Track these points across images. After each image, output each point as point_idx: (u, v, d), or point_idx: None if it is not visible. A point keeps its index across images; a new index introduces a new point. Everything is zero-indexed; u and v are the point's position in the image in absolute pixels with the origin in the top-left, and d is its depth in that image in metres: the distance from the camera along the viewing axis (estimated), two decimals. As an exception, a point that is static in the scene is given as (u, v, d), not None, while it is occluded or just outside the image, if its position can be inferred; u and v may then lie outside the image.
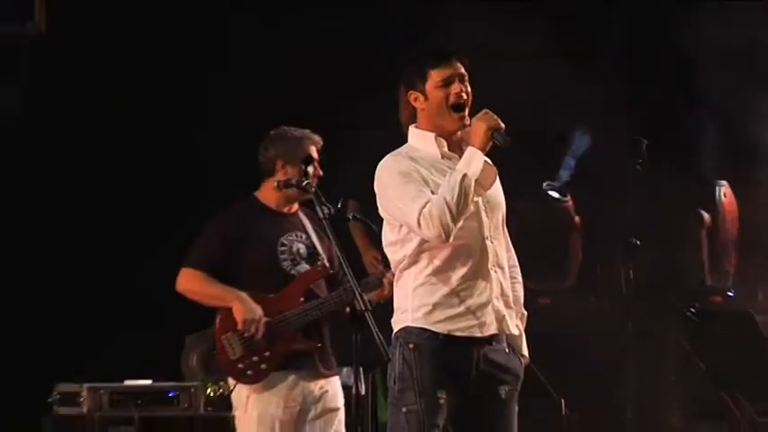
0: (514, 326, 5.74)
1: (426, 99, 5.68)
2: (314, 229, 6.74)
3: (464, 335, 5.61)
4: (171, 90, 9.45)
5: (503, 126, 5.55)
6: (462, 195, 5.49)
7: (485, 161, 5.55)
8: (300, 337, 6.60)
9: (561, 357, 8.57)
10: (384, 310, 5.81)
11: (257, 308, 6.63)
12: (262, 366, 6.65)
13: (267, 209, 6.73)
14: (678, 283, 9.55)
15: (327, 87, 9.39)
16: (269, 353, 6.64)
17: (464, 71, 5.67)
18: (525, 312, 5.86)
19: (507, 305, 5.72)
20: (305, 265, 6.65)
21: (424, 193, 5.53)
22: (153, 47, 9.46)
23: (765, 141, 9.71)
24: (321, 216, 6.26)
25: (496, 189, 5.73)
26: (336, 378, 6.66)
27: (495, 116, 5.56)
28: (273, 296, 6.67)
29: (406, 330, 5.63)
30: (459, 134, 5.69)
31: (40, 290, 9.08)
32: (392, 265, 5.76)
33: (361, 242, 8.34)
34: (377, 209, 5.73)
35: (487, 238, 5.67)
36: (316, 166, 6.70)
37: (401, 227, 5.63)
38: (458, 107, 5.65)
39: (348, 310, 6.45)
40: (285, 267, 6.64)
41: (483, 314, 5.63)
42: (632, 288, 8.88)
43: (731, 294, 9.41)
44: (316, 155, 6.72)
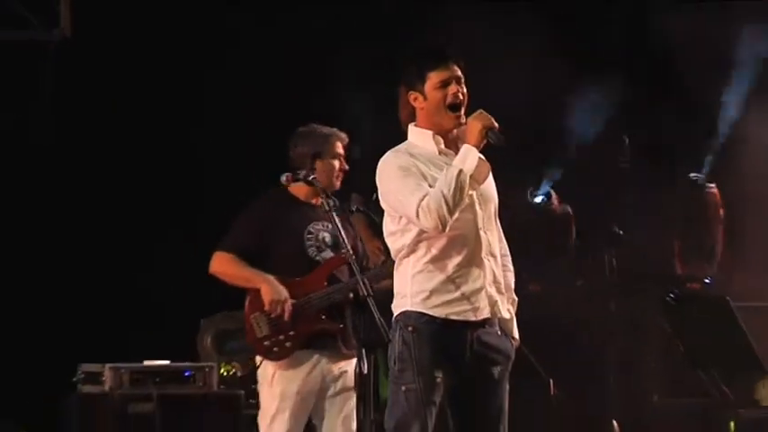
0: (506, 310, 5.74)
1: (425, 99, 5.68)
2: (340, 219, 6.73)
3: (459, 319, 5.61)
4: (188, 91, 9.44)
5: (496, 125, 5.56)
6: (458, 189, 5.49)
7: (479, 158, 5.56)
8: (323, 318, 6.59)
9: (550, 340, 8.57)
10: (385, 295, 5.81)
11: (284, 290, 6.62)
12: (287, 345, 6.64)
13: (296, 200, 6.72)
14: (659, 270, 9.56)
15: (324, 84, 9.35)
16: (293, 332, 6.64)
17: (460, 73, 5.67)
18: (516, 298, 5.86)
19: (499, 291, 5.72)
20: (329, 252, 6.63)
21: (422, 186, 5.54)
22: (171, 51, 9.44)
23: (741, 136, 9.70)
24: (326, 208, 6.27)
25: (489, 184, 5.73)
26: (353, 360, 6.64)
27: (490, 116, 5.57)
28: (299, 280, 6.66)
29: (406, 314, 5.63)
30: (456, 132, 5.68)
31: (67, 277, 9.08)
32: (392, 254, 5.75)
33: (364, 233, 8.32)
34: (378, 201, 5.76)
35: (481, 228, 5.67)
36: (342, 161, 6.71)
37: (401, 218, 5.64)
38: (454, 107, 5.65)
39: (351, 295, 6.46)
40: (311, 254, 6.63)
41: (477, 299, 5.63)
42: (615, 275, 8.89)
43: (708, 281, 9.42)
44: (342, 151, 6.73)
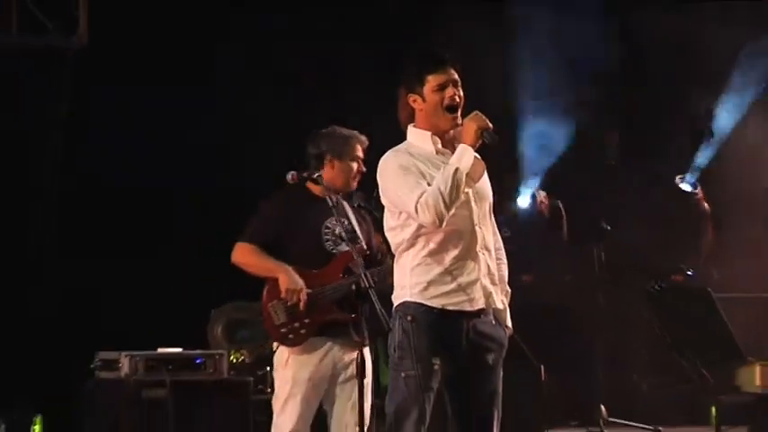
0: (500, 301, 5.74)
1: (424, 101, 5.69)
2: (354, 215, 6.72)
3: (456, 309, 5.61)
4: (199, 91, 9.44)
5: (491, 126, 5.57)
6: (454, 186, 5.50)
7: (474, 157, 5.57)
8: (337, 308, 6.57)
9: (541, 329, 8.57)
10: (392, 288, 5.82)
11: (300, 280, 6.61)
12: (302, 332, 6.63)
13: (315, 196, 6.69)
14: (643, 262, 9.55)
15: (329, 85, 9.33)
16: (309, 320, 6.63)
17: (457, 77, 5.68)
18: (509, 289, 5.87)
19: (493, 283, 5.72)
20: (345, 246, 6.60)
21: (421, 184, 5.54)
22: (183, 55, 9.44)
23: (722, 134, 9.69)
24: (331, 204, 6.27)
25: (484, 181, 5.73)
26: (367, 348, 6.63)
27: (485, 117, 5.58)
28: (316, 271, 6.65)
29: (405, 305, 5.63)
30: (452, 133, 5.69)
31: (86, 270, 9.08)
32: (392, 248, 5.76)
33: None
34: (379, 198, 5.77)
35: (476, 224, 5.67)
36: (360, 163, 6.70)
37: (401, 213, 5.64)
38: (451, 108, 5.66)
39: (354, 287, 6.45)
40: (327, 247, 6.61)
41: (472, 291, 5.63)
42: (603, 268, 8.89)
43: (690, 274, 9.41)
44: (361, 154, 6.70)
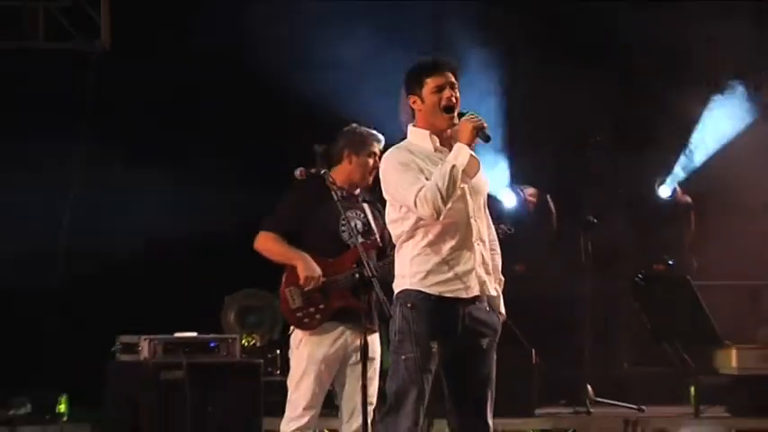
0: (493, 289, 5.74)
1: (423, 102, 5.68)
2: (370, 210, 6.71)
3: (452, 296, 5.61)
4: (212, 90, 9.43)
5: (485, 125, 5.57)
6: (451, 182, 5.50)
7: (470, 154, 5.57)
8: (350, 295, 6.56)
9: (533, 315, 8.56)
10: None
11: (317, 268, 6.60)
12: (316, 316, 6.62)
13: (337, 187, 6.68)
14: (628, 253, 9.55)
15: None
16: (323, 306, 6.62)
17: (454, 80, 5.68)
18: (502, 278, 5.87)
19: (487, 272, 5.72)
20: (360, 238, 6.60)
21: (420, 179, 5.54)
22: (199, 58, 9.43)
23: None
24: (336, 198, 6.25)
25: (479, 177, 5.73)
26: (377, 334, 6.62)
27: (480, 117, 5.58)
28: (332, 260, 6.63)
29: (405, 292, 5.63)
30: (449, 132, 5.69)
31: (108, 260, 9.08)
32: (393, 239, 5.76)
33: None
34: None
35: (472, 217, 5.67)
36: (376, 160, 6.66)
37: (401, 207, 5.64)
38: (448, 109, 5.65)
39: (357, 276, 6.45)
40: (343, 238, 6.59)
41: (468, 279, 5.63)
42: (590, 258, 8.88)
43: (671, 263, 9.41)
44: (377, 151, 6.65)
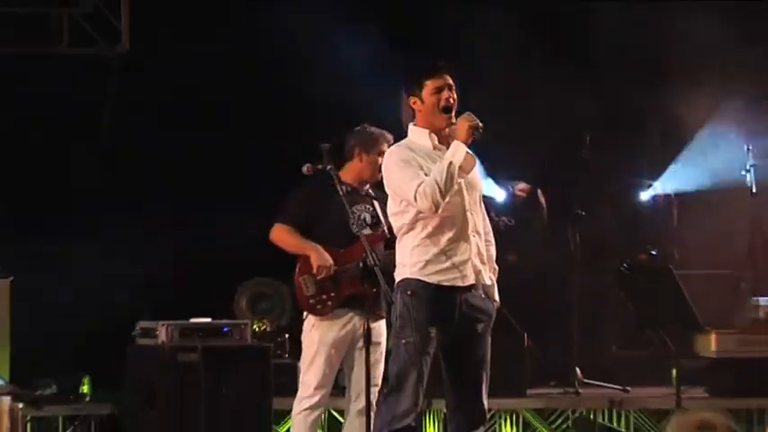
0: (488, 278, 5.76)
1: (422, 103, 5.70)
2: (379, 203, 6.70)
3: (450, 284, 5.63)
4: (226, 90, 9.39)
5: (481, 125, 5.58)
6: (449, 178, 5.51)
7: (466, 152, 5.58)
8: (359, 283, 6.56)
9: (525, 302, 8.55)
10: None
11: (329, 258, 6.61)
12: (328, 303, 6.63)
13: (342, 183, 6.67)
14: (614, 245, 9.53)
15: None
16: (334, 293, 6.63)
17: (452, 82, 5.69)
18: (497, 267, 5.88)
19: (483, 262, 5.74)
20: (368, 230, 6.59)
21: (419, 175, 5.56)
22: (214, 62, 9.40)
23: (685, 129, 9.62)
24: (341, 193, 6.25)
25: (475, 173, 5.75)
26: (383, 319, 6.62)
27: (476, 117, 5.58)
28: (342, 251, 6.64)
29: (406, 281, 5.65)
30: (447, 130, 5.70)
31: (128, 253, 9.08)
32: (395, 231, 5.78)
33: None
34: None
35: (468, 210, 5.69)
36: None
37: (401, 201, 5.65)
38: (447, 109, 5.68)
39: (361, 265, 6.44)
40: (353, 230, 6.59)
41: (464, 269, 5.65)
42: (578, 249, 8.87)
43: (654, 254, 9.39)
44: (386, 149, 6.65)
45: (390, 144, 6.62)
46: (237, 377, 7.43)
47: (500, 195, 9.30)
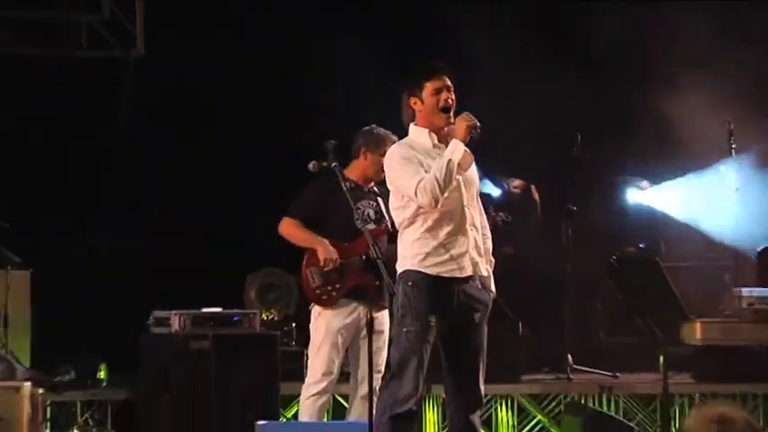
0: (485, 269, 5.76)
1: (423, 103, 5.70)
2: (382, 199, 6.69)
3: (448, 276, 5.63)
4: (241, 91, 9.37)
5: (478, 124, 5.58)
6: (448, 174, 5.52)
7: (464, 150, 5.58)
8: (363, 275, 6.55)
9: (519, 292, 8.54)
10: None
11: (335, 251, 6.62)
12: (333, 294, 6.64)
13: (347, 180, 6.66)
14: (604, 238, 9.52)
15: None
16: (339, 284, 6.63)
17: (450, 83, 5.69)
18: (493, 260, 5.87)
19: (480, 254, 5.74)
20: (372, 225, 6.59)
21: (420, 172, 5.56)
22: (226, 65, 9.39)
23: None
24: (345, 189, 6.24)
25: (472, 170, 5.76)
26: (386, 309, 6.61)
27: (473, 117, 5.58)
28: (347, 245, 6.64)
29: (407, 272, 5.65)
30: (446, 130, 5.70)
31: (144, 243, 9.07)
32: (396, 225, 5.78)
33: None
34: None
35: (465, 205, 5.69)
36: None
37: (403, 196, 5.65)
38: (446, 110, 5.67)
39: (364, 257, 6.44)
40: (357, 225, 6.59)
41: (462, 261, 5.64)
42: (571, 242, 8.86)
43: (642, 246, 9.39)
44: None
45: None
46: (247, 364, 7.43)
47: (497, 192, 9.28)
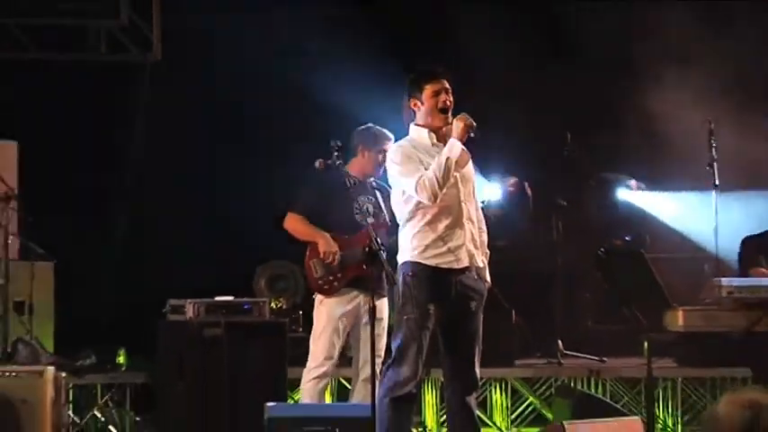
0: (480, 261, 5.76)
1: (422, 104, 5.70)
2: (381, 194, 6.68)
3: (446, 267, 5.63)
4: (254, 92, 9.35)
5: (474, 124, 5.58)
6: (446, 171, 5.52)
7: (462, 149, 5.57)
8: (363, 266, 6.53)
9: (513, 282, 8.53)
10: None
11: (335, 244, 6.60)
12: (334, 284, 6.63)
13: (350, 177, 6.65)
14: (592, 231, 9.50)
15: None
16: (340, 275, 6.62)
17: (448, 86, 5.69)
18: (488, 252, 5.87)
19: (476, 246, 5.74)
20: (371, 219, 6.58)
21: (420, 169, 5.57)
22: (239, 70, 9.35)
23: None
24: (349, 186, 6.23)
25: (469, 168, 5.75)
26: (385, 298, 6.60)
27: (470, 117, 5.58)
28: (347, 238, 6.63)
29: (407, 263, 5.65)
30: (445, 129, 5.69)
31: (161, 236, 9.06)
32: (397, 218, 5.77)
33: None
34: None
35: (462, 201, 5.69)
36: (384, 156, 6.57)
37: (404, 192, 5.65)
38: (444, 110, 5.68)
39: (367, 250, 6.42)
40: (357, 219, 6.58)
41: (459, 253, 5.64)
42: (561, 235, 8.85)
43: (628, 239, 9.37)
44: (387, 148, 6.57)
45: (392, 143, 6.61)
46: (256, 349, 7.41)
47: (495, 192, 9.23)
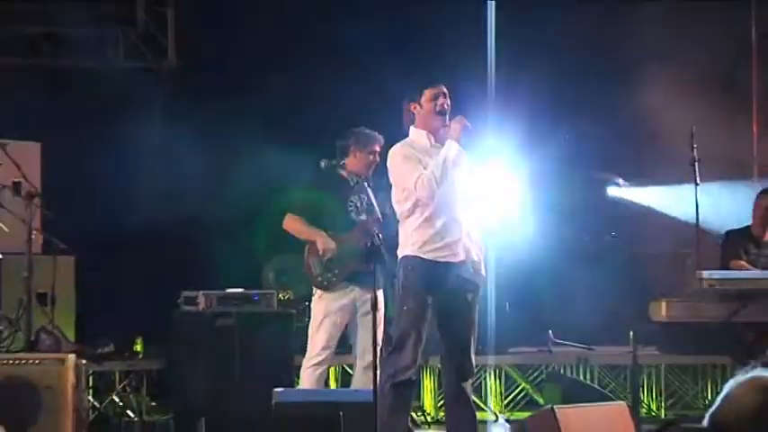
0: (476, 255, 5.74)
1: (421, 108, 5.70)
2: (373, 192, 6.65)
3: (444, 260, 5.63)
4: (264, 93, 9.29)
5: (470, 126, 5.57)
6: (443, 171, 5.53)
7: (458, 149, 5.57)
8: (359, 261, 6.52)
9: (507, 275, 8.51)
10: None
11: (332, 242, 6.59)
12: (333, 279, 6.62)
13: (343, 178, 6.61)
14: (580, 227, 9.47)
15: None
16: (338, 271, 6.62)
17: (445, 90, 5.69)
18: (483, 246, 5.86)
19: (472, 241, 5.72)
20: (364, 216, 6.57)
21: (419, 169, 5.57)
22: (251, 75, 9.33)
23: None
24: (352, 184, 6.21)
25: (466, 167, 5.72)
26: (381, 290, 6.58)
27: (466, 120, 5.58)
28: (343, 235, 6.63)
29: (407, 257, 5.65)
30: (442, 131, 5.68)
31: (176, 235, 9.05)
32: (397, 215, 5.77)
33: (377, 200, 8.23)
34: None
35: (459, 198, 5.68)
36: (375, 157, 6.59)
37: (404, 190, 5.65)
38: (442, 113, 5.68)
39: (365, 245, 6.40)
40: (352, 216, 6.58)
41: (456, 247, 5.64)
42: (552, 232, 8.83)
43: (614, 235, 9.34)
44: (378, 149, 6.57)
45: (381, 144, 6.60)
46: (265, 338, 7.41)
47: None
